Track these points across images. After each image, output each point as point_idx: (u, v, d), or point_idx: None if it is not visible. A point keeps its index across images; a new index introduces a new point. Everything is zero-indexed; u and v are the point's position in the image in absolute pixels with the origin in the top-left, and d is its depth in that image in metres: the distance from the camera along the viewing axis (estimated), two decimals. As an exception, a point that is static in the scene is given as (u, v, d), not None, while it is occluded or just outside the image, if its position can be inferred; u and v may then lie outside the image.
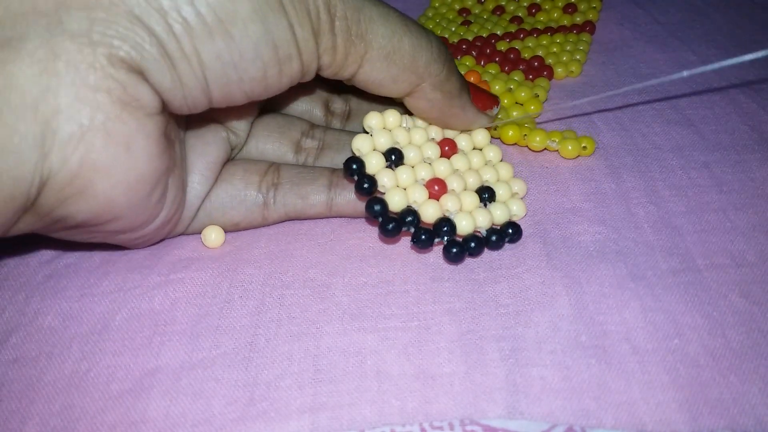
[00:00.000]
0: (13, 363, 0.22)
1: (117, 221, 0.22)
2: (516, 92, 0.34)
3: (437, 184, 0.25)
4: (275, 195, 0.27)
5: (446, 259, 0.25)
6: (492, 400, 0.20)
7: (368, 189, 0.25)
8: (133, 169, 0.21)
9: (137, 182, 0.21)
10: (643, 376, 0.21)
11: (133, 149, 0.21)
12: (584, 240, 0.26)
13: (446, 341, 0.22)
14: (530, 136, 0.31)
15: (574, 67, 0.37)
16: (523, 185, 0.27)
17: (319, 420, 0.20)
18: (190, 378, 0.22)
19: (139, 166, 0.21)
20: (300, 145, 0.29)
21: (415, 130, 0.27)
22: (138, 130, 0.20)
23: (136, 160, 0.21)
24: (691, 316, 0.22)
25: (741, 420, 0.19)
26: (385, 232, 0.25)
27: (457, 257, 0.25)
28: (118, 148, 0.20)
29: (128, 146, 0.20)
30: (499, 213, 0.26)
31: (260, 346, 0.22)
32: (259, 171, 0.27)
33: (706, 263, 0.24)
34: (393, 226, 0.24)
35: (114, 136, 0.20)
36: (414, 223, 0.25)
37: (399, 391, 0.21)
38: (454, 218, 0.25)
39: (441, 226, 0.25)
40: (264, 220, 0.27)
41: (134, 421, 0.20)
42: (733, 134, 0.31)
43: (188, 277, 0.25)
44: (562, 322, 0.22)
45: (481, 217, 0.25)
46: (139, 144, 0.21)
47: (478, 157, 0.27)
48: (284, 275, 0.25)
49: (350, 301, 0.24)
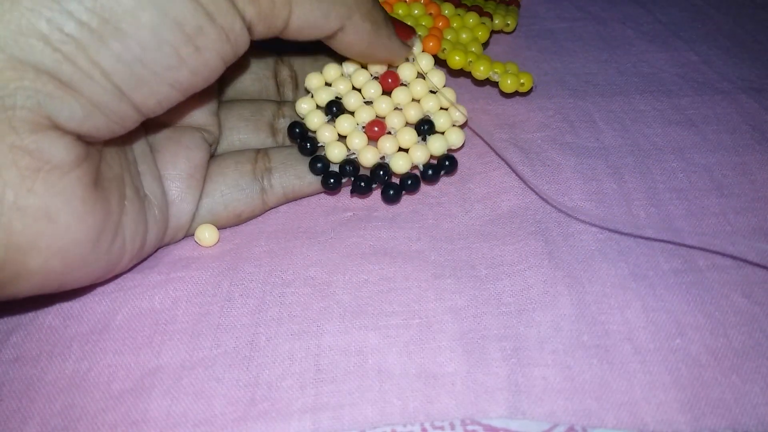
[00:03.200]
0: (14, 362, 0.22)
1: (70, 283, 0.21)
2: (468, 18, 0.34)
3: (377, 125, 0.27)
4: (271, 179, 0.27)
5: (384, 201, 0.27)
6: (494, 399, 0.20)
7: (310, 149, 0.27)
8: (63, 236, 0.20)
9: (72, 246, 0.20)
10: (645, 376, 0.21)
11: (55, 217, 0.19)
12: (586, 239, 0.25)
13: (448, 340, 0.22)
14: (475, 64, 0.30)
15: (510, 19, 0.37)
16: (463, 111, 0.28)
17: (321, 420, 0.20)
18: (191, 377, 0.21)
19: (68, 231, 0.20)
20: (275, 128, 0.29)
21: (357, 72, 0.27)
22: (56, 196, 0.19)
23: (63, 226, 0.19)
24: (693, 315, 0.22)
25: (743, 420, 0.19)
26: (328, 187, 0.26)
27: (393, 198, 0.26)
28: (39, 223, 0.19)
29: (49, 217, 0.19)
30: (437, 145, 0.27)
31: (261, 345, 0.22)
32: (250, 159, 0.27)
33: (707, 264, 0.24)
34: (332, 181, 0.26)
35: (30, 211, 0.18)
36: (352, 172, 0.26)
37: (401, 391, 0.21)
38: (391, 160, 0.26)
39: (377, 171, 0.26)
40: (265, 205, 0.27)
41: (135, 421, 0.20)
42: (734, 134, 0.31)
43: (188, 276, 0.25)
44: (564, 321, 0.22)
45: (418, 153, 0.26)
46: (60, 210, 0.19)
47: (421, 86, 0.28)
48: (285, 273, 0.25)
49: (351, 298, 0.24)
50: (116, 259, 0.22)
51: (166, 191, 0.25)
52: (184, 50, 0.19)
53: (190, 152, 0.26)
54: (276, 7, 0.21)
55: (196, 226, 0.26)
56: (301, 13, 0.22)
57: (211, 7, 0.19)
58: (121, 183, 0.23)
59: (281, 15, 0.21)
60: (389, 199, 0.26)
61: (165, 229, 0.25)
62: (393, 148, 0.26)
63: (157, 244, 0.25)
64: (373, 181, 0.26)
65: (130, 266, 0.24)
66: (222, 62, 0.21)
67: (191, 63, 0.20)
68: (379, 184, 0.26)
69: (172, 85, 0.20)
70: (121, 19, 0.18)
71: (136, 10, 0.18)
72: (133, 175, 0.24)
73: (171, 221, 0.25)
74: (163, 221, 0.25)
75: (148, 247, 0.24)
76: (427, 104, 0.28)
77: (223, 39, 0.20)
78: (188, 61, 0.20)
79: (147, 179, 0.24)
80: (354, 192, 0.26)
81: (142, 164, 0.25)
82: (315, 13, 0.22)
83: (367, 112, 0.27)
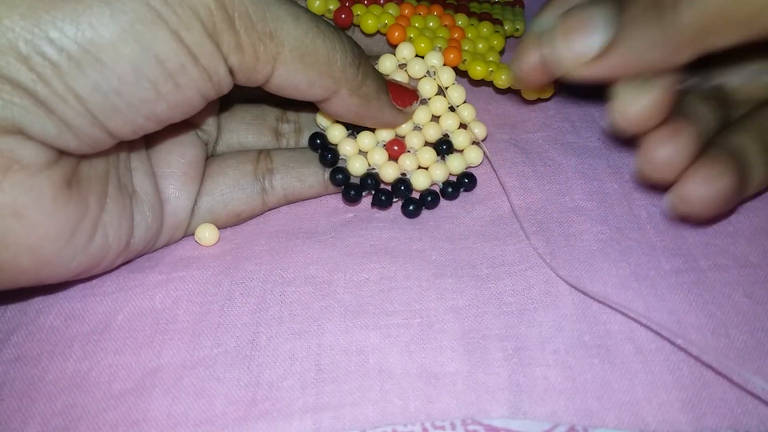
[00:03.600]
0: (15, 362, 0.22)
1: (46, 278, 0.21)
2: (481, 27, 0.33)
3: (396, 144, 0.27)
4: (272, 180, 0.27)
5: (404, 215, 0.27)
6: (495, 399, 0.20)
7: (331, 160, 0.27)
8: (32, 233, 0.20)
9: (43, 243, 0.20)
10: (647, 376, 0.21)
11: (24, 215, 0.19)
12: (587, 239, 0.25)
13: (449, 339, 0.22)
14: (496, 74, 0.30)
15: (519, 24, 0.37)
16: (483, 128, 0.28)
17: (322, 420, 0.20)
18: (191, 377, 0.21)
19: (38, 229, 0.20)
20: (278, 131, 0.29)
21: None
22: (25, 194, 0.19)
23: (32, 223, 0.20)
24: (694, 315, 0.22)
25: (744, 419, 0.19)
26: (346, 199, 0.27)
27: (413, 213, 0.27)
28: (7, 220, 0.19)
29: (18, 214, 0.19)
30: (456, 164, 0.28)
31: (262, 344, 0.22)
32: (251, 159, 0.27)
33: (709, 264, 0.24)
34: (353, 192, 0.27)
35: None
36: (373, 186, 0.27)
37: (402, 391, 0.21)
38: (411, 176, 0.27)
39: (398, 186, 0.27)
40: (264, 205, 0.28)
41: (136, 421, 0.20)
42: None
43: (189, 276, 0.25)
44: (566, 321, 0.22)
45: (438, 171, 0.27)
46: (29, 208, 0.19)
47: (441, 102, 0.28)
48: (285, 272, 0.25)
49: (352, 297, 0.24)
50: (99, 256, 0.22)
51: (161, 189, 0.25)
52: (163, 86, 0.19)
53: (184, 149, 0.26)
54: (259, 62, 0.21)
55: (196, 225, 0.26)
56: (284, 74, 0.22)
57: (195, 48, 0.19)
58: (103, 181, 0.23)
59: (263, 71, 0.21)
60: (410, 214, 0.27)
61: (159, 227, 0.25)
62: (413, 166, 0.27)
63: (148, 241, 0.25)
64: (393, 196, 0.27)
65: (118, 263, 0.24)
66: (203, 99, 0.21)
67: (170, 98, 0.20)
68: (400, 198, 0.27)
69: (147, 117, 0.20)
70: (101, 51, 0.18)
71: (118, 44, 0.18)
72: (121, 173, 0.24)
73: (167, 219, 0.25)
74: (156, 219, 0.25)
75: (136, 245, 0.24)
76: (446, 122, 0.28)
77: (206, 79, 0.20)
78: (167, 96, 0.20)
79: (138, 175, 0.24)
80: (375, 205, 0.27)
81: (135, 160, 0.25)
82: (298, 78, 0.22)
83: (388, 131, 0.28)
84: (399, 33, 0.29)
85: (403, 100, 0.26)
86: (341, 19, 0.29)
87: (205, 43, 0.19)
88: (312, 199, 0.29)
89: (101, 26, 0.18)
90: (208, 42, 0.19)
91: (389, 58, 0.28)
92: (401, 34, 0.29)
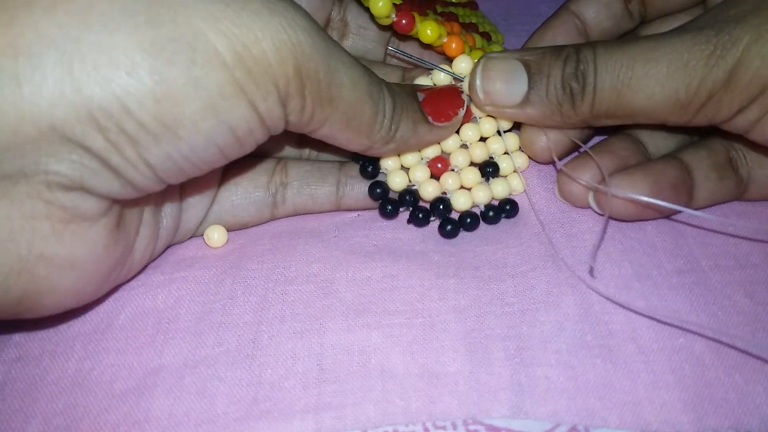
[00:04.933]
0: (17, 361, 0.22)
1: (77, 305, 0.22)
2: None
3: (440, 162, 0.27)
4: (285, 194, 0.27)
5: (441, 235, 0.26)
6: (497, 399, 0.20)
7: (371, 173, 0.27)
8: (81, 279, 0.20)
9: (88, 285, 0.21)
10: (649, 376, 0.21)
11: (78, 265, 0.20)
12: (589, 240, 0.25)
13: (451, 339, 0.22)
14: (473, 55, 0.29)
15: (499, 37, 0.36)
16: (525, 159, 0.28)
17: (323, 420, 0.20)
18: (193, 376, 0.21)
19: (86, 275, 0.20)
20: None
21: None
22: (82, 246, 0.19)
23: (83, 271, 0.20)
24: (696, 315, 0.22)
25: (746, 419, 0.19)
26: (383, 213, 0.26)
27: (451, 234, 0.26)
28: (62, 270, 0.19)
29: (72, 265, 0.19)
30: (499, 189, 0.27)
31: (263, 344, 0.22)
32: (267, 171, 0.27)
33: (710, 264, 0.24)
34: (390, 207, 0.26)
35: (56, 260, 0.19)
36: (411, 202, 0.26)
37: (403, 391, 0.21)
38: (452, 196, 0.26)
39: (437, 205, 0.26)
40: (272, 217, 0.28)
41: (137, 420, 0.20)
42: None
43: (191, 276, 0.25)
44: (568, 321, 0.22)
45: (480, 193, 0.26)
46: (84, 258, 0.20)
47: (490, 123, 0.27)
48: (287, 270, 0.25)
49: (354, 296, 0.24)
50: (125, 275, 0.23)
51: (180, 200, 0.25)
52: (230, 150, 0.20)
53: None
54: (312, 122, 0.21)
55: (201, 230, 0.26)
56: (328, 132, 0.22)
57: (266, 114, 0.19)
58: (141, 211, 0.23)
59: (312, 126, 0.22)
60: (447, 234, 0.26)
61: (175, 234, 0.26)
62: (455, 185, 0.26)
63: (165, 247, 0.25)
64: (431, 215, 0.26)
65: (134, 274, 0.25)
66: (256, 146, 0.21)
67: (230, 154, 0.20)
68: (437, 218, 0.26)
69: (203, 170, 0.20)
70: (180, 126, 0.18)
71: (197, 119, 0.18)
72: (156, 197, 0.24)
73: (180, 225, 0.26)
74: (174, 228, 0.25)
75: (156, 254, 0.25)
76: (493, 146, 0.27)
77: (265, 134, 0.20)
78: (229, 154, 0.20)
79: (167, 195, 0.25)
80: (411, 222, 0.27)
81: None
82: (338, 136, 0.23)
83: (433, 147, 0.27)
84: (457, 44, 0.28)
85: (445, 115, 0.25)
86: (402, 25, 0.27)
87: (276, 109, 0.20)
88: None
89: (185, 103, 0.18)
90: (279, 108, 0.20)
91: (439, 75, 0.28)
92: (459, 46, 0.28)
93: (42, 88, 0.17)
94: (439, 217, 0.26)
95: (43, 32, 0.17)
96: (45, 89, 0.17)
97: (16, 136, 0.17)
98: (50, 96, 0.17)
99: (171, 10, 0.17)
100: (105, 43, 0.17)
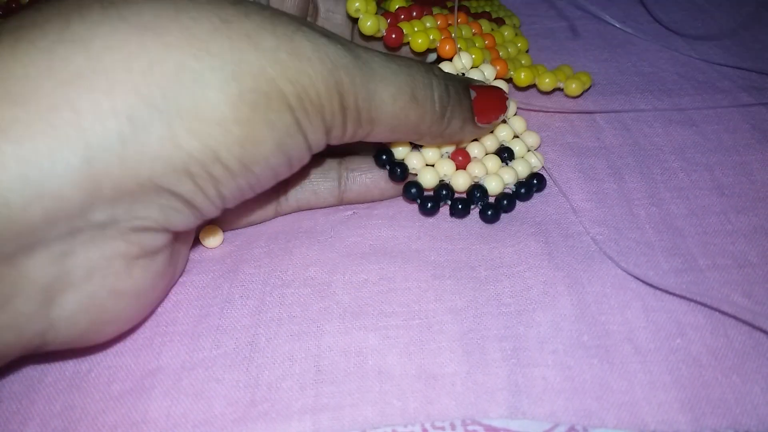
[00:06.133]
0: (14, 363, 0.22)
1: None
2: None
3: (461, 155, 0.27)
4: (287, 191, 0.27)
5: (484, 221, 0.27)
6: (494, 400, 0.20)
7: (401, 175, 0.27)
8: (143, 306, 0.22)
9: (145, 310, 0.22)
10: (646, 376, 0.21)
11: (142, 295, 0.21)
12: (586, 240, 0.25)
13: (448, 340, 0.22)
14: (540, 77, 0.32)
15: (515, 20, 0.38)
16: (536, 137, 0.29)
17: (321, 421, 0.20)
18: (191, 378, 0.21)
19: (148, 302, 0.22)
20: None
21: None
22: (147, 277, 0.20)
23: (146, 299, 0.21)
24: (693, 315, 0.22)
25: (743, 420, 0.19)
26: (426, 212, 0.27)
27: (494, 217, 0.27)
28: (128, 301, 0.20)
29: (138, 296, 0.21)
30: (521, 168, 0.28)
31: (261, 346, 0.22)
32: None
33: (707, 264, 0.24)
34: (432, 204, 0.27)
35: (123, 293, 0.20)
36: (449, 196, 0.27)
37: (401, 392, 0.21)
38: (484, 182, 0.27)
39: (474, 193, 0.27)
40: (277, 214, 0.28)
41: (135, 422, 0.20)
42: (735, 133, 0.31)
43: (189, 280, 0.25)
44: (564, 321, 0.22)
45: (506, 175, 0.27)
46: (147, 288, 0.21)
47: None
48: (284, 273, 0.25)
49: (351, 299, 0.24)
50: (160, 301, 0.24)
51: None
52: (282, 174, 0.21)
53: None
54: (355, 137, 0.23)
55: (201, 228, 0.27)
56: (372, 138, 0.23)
57: (314, 143, 0.21)
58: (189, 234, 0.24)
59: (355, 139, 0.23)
60: (490, 219, 0.27)
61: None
62: (483, 171, 0.27)
63: None
64: (470, 203, 0.27)
65: None
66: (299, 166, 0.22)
67: (282, 177, 0.22)
68: (477, 205, 0.27)
69: (258, 192, 0.22)
70: (255, 164, 0.20)
71: (269, 156, 0.20)
72: None
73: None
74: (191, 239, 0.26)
75: None
76: (501, 134, 0.28)
77: (310, 156, 0.22)
78: (280, 177, 0.22)
79: None
80: (454, 215, 0.27)
81: None
82: (385, 138, 0.24)
83: None
84: (450, 47, 0.29)
85: (489, 117, 0.26)
86: (392, 40, 0.28)
87: (322, 138, 0.21)
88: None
89: (262, 144, 0.19)
90: (324, 136, 0.21)
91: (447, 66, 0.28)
92: (452, 48, 0.29)
93: (145, 147, 0.17)
94: (478, 203, 0.27)
95: (143, 93, 0.17)
96: (148, 147, 0.17)
97: (116, 192, 0.18)
98: (153, 153, 0.18)
99: (247, 63, 0.19)
100: (199, 99, 0.18)
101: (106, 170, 0.17)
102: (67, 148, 0.17)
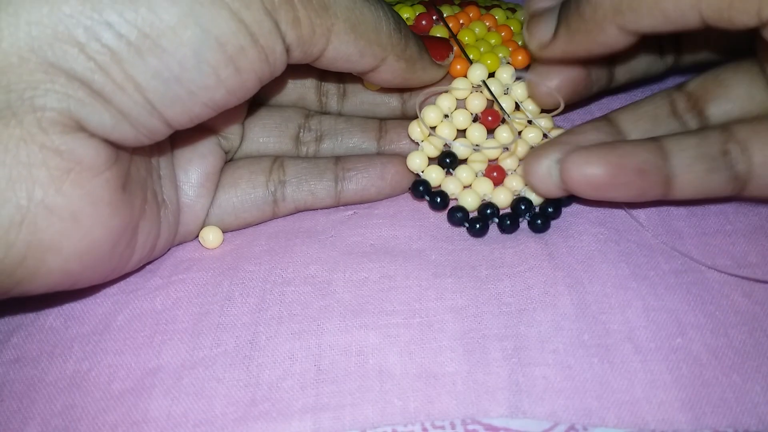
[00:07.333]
0: (15, 363, 0.22)
1: (82, 283, 0.21)
2: None
3: (495, 171, 0.27)
4: (284, 191, 0.27)
5: (535, 231, 0.26)
6: (494, 399, 0.20)
7: (442, 204, 0.27)
8: (86, 238, 0.20)
9: (93, 248, 0.20)
10: (646, 375, 0.21)
11: (81, 219, 0.19)
12: (586, 240, 0.25)
13: (448, 339, 0.22)
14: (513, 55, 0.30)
15: None
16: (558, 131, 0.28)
17: (321, 420, 0.20)
18: (191, 377, 0.21)
19: (92, 234, 0.20)
20: (299, 139, 0.29)
21: (457, 112, 0.27)
22: (84, 198, 0.19)
23: (88, 228, 0.19)
24: (693, 315, 0.22)
25: (743, 419, 0.19)
26: (476, 234, 0.26)
27: (544, 227, 0.26)
28: (65, 223, 0.19)
29: (75, 218, 0.19)
30: None
31: (261, 345, 0.22)
32: (264, 170, 0.27)
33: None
34: (480, 225, 0.26)
35: (57, 211, 0.18)
36: (495, 213, 0.26)
37: (401, 391, 0.21)
38: (525, 194, 0.27)
39: (519, 207, 0.26)
40: (274, 215, 0.28)
41: (136, 421, 0.20)
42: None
43: (189, 278, 0.25)
44: (565, 321, 0.22)
45: None
46: (87, 212, 0.19)
47: (519, 117, 0.28)
48: (285, 271, 0.25)
49: (351, 297, 0.24)
50: (125, 261, 0.23)
51: (180, 199, 0.25)
52: (224, 71, 0.19)
53: (204, 160, 0.25)
54: (315, 36, 0.21)
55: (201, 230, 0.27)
56: (337, 46, 0.22)
57: (254, 27, 0.19)
58: (144, 186, 0.23)
59: (318, 44, 0.21)
60: (540, 229, 0.26)
61: (175, 234, 0.25)
62: (522, 183, 0.27)
63: (166, 247, 0.25)
64: (518, 217, 0.26)
65: (136, 267, 0.24)
66: (259, 83, 0.21)
67: (229, 83, 0.20)
68: (525, 217, 0.26)
69: (205, 104, 0.20)
70: (161, 35, 0.18)
71: (178, 27, 0.18)
72: (154, 179, 0.24)
73: (180, 227, 0.26)
74: (175, 226, 0.25)
75: (157, 251, 0.25)
76: (528, 135, 0.28)
77: (263, 60, 0.20)
78: (226, 81, 0.19)
79: (166, 184, 0.25)
80: (504, 232, 0.26)
81: (164, 168, 0.25)
82: (350, 49, 0.22)
83: (480, 159, 0.27)
84: (461, 66, 0.28)
85: (440, 54, 0.26)
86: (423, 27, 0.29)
87: (265, 21, 0.19)
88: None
89: (161, 9, 0.17)
90: (268, 20, 0.19)
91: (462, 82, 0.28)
92: (463, 67, 0.28)
93: (19, 12, 0.16)
94: (526, 215, 0.26)
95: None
96: (22, 12, 0.16)
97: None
98: (28, 18, 0.16)
99: None
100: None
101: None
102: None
